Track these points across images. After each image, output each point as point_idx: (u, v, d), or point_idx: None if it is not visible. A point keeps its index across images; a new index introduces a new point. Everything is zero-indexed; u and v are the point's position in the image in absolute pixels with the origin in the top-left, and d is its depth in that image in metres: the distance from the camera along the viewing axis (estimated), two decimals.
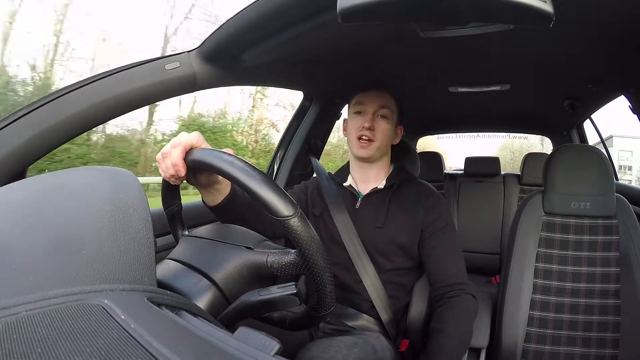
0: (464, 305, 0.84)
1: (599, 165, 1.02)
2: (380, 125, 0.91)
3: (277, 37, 0.74)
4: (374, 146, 0.91)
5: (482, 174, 2.15)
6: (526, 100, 1.60)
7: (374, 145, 0.91)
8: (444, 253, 0.88)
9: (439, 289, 0.87)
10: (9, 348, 0.20)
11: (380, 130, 0.91)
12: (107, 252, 0.29)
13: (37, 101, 0.65)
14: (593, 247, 1.01)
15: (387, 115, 0.92)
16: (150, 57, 0.75)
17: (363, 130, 0.90)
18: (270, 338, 0.29)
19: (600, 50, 0.93)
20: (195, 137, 0.54)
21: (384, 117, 0.92)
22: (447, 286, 0.86)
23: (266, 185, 0.43)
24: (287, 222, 0.43)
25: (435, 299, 0.88)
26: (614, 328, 0.95)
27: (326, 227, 0.94)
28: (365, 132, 0.90)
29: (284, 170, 1.46)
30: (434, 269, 0.88)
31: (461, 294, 0.85)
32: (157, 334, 0.23)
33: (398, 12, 0.55)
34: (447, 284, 0.86)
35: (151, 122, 10.42)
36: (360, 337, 0.82)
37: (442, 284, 0.87)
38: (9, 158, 0.62)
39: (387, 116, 0.92)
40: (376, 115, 0.91)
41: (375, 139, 0.91)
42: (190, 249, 0.51)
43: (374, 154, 0.92)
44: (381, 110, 0.92)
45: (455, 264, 0.88)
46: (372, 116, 0.91)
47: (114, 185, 0.36)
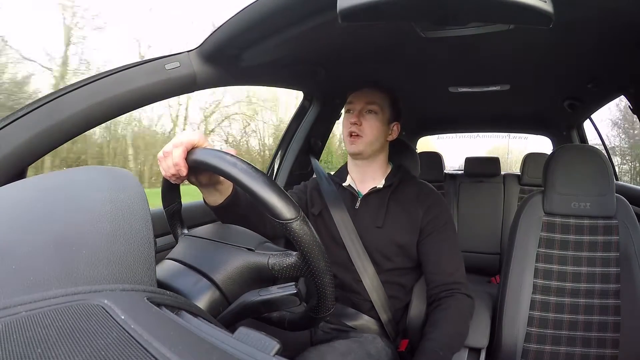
0: (459, 305, 0.84)
1: (599, 165, 1.02)
2: (368, 120, 0.93)
3: (277, 37, 0.74)
4: (363, 141, 0.92)
5: (482, 174, 2.15)
6: (526, 100, 1.60)
7: (362, 140, 0.92)
8: (442, 252, 0.88)
9: (434, 288, 0.87)
10: (9, 348, 0.20)
11: (368, 125, 0.92)
12: (107, 252, 0.29)
13: (37, 101, 0.65)
14: (593, 247, 1.01)
15: (375, 110, 0.93)
16: (150, 57, 0.75)
17: (351, 126, 0.92)
18: (270, 338, 0.29)
19: (600, 50, 0.93)
20: (197, 136, 0.53)
21: (371, 112, 0.93)
22: (443, 285, 0.86)
23: (269, 187, 0.43)
24: (290, 226, 0.43)
25: (431, 299, 0.88)
26: (614, 328, 0.95)
27: (326, 227, 0.94)
28: (353, 127, 0.92)
29: (284, 170, 1.46)
30: (431, 267, 0.88)
31: (455, 293, 0.85)
32: (157, 334, 0.23)
33: (398, 12, 0.55)
34: (444, 283, 0.86)
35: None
36: (356, 342, 0.82)
37: (438, 283, 0.86)
38: (9, 158, 0.62)
39: (375, 111, 0.93)
40: (364, 111, 0.93)
41: (363, 134, 0.92)
42: (191, 249, 0.51)
43: (364, 150, 0.93)
44: (368, 106, 0.93)
45: (452, 263, 0.88)
46: (358, 112, 0.93)
47: (114, 185, 0.36)
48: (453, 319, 0.83)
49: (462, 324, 0.84)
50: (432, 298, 0.87)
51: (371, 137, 0.93)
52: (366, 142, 0.92)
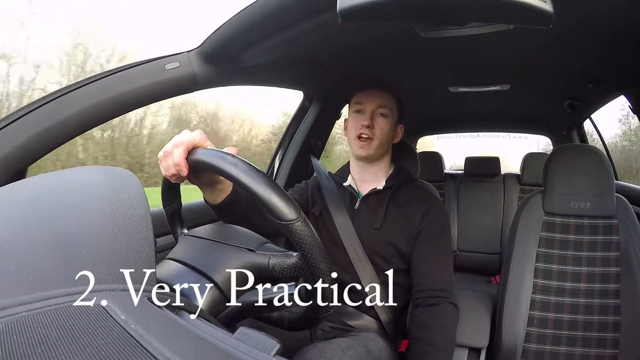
0: (449, 315, 0.84)
1: (599, 165, 1.02)
2: (380, 123, 0.92)
3: (277, 37, 0.74)
4: (374, 145, 0.91)
5: (482, 173, 2.15)
6: (526, 100, 1.60)
7: (373, 144, 0.91)
8: (433, 257, 0.88)
9: (421, 292, 0.86)
10: (9, 348, 0.20)
11: (380, 128, 0.91)
12: (107, 252, 0.29)
13: (37, 101, 0.65)
14: (593, 247, 1.01)
15: (386, 113, 0.92)
16: (150, 58, 0.75)
17: (362, 128, 0.90)
18: (270, 338, 0.29)
19: (600, 50, 0.93)
20: (197, 136, 0.53)
21: (383, 115, 0.92)
22: (430, 290, 0.85)
23: (270, 188, 0.43)
24: (291, 227, 0.43)
25: (416, 303, 0.87)
26: (614, 328, 0.95)
27: (326, 227, 0.94)
28: (365, 130, 0.90)
29: (284, 170, 1.46)
30: (420, 270, 0.88)
31: (444, 302, 0.84)
32: (157, 334, 0.23)
33: (398, 12, 0.55)
34: (431, 288, 0.86)
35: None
36: (355, 339, 0.82)
37: (425, 287, 0.86)
38: (9, 158, 0.62)
39: (386, 114, 0.93)
40: (375, 114, 0.92)
41: (374, 137, 0.91)
42: (191, 249, 0.51)
43: (374, 153, 0.92)
44: (380, 109, 0.92)
45: (442, 269, 0.88)
46: (370, 115, 0.91)
47: (114, 185, 0.36)
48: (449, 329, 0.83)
49: (454, 336, 0.84)
50: (418, 301, 0.87)
51: (381, 140, 0.92)
52: (376, 145, 0.91)
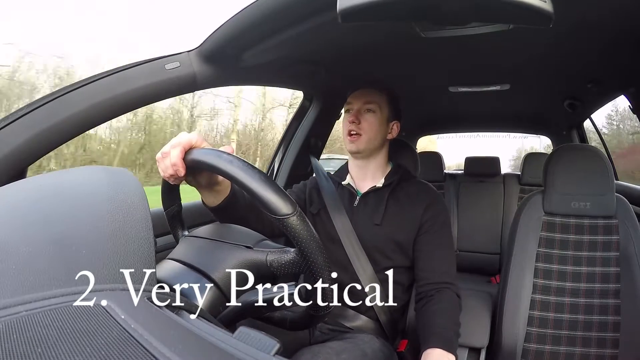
0: (453, 301, 0.84)
1: (599, 165, 1.02)
2: (367, 119, 0.94)
3: (277, 37, 0.74)
4: (363, 139, 0.93)
5: (482, 173, 2.15)
6: (526, 100, 1.60)
7: (362, 139, 0.93)
8: (436, 250, 0.89)
9: (424, 285, 0.87)
10: (9, 348, 0.20)
11: (367, 124, 0.93)
12: (107, 252, 0.29)
13: (37, 101, 0.65)
14: (593, 246, 1.01)
15: (373, 109, 0.94)
16: (150, 58, 0.75)
17: (350, 125, 0.93)
18: (270, 338, 0.29)
19: (600, 50, 0.93)
20: (194, 137, 0.54)
21: (370, 111, 0.94)
22: (434, 283, 0.86)
23: (265, 184, 0.43)
24: (286, 221, 0.43)
25: (419, 296, 0.87)
26: (613, 328, 0.95)
27: (324, 226, 0.94)
28: (352, 126, 0.93)
29: (284, 170, 1.46)
30: (423, 264, 0.88)
31: (445, 290, 0.85)
32: (157, 334, 0.23)
33: (398, 12, 0.55)
34: (435, 281, 0.86)
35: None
36: (350, 342, 0.81)
37: (428, 280, 0.86)
38: (9, 158, 0.62)
39: (374, 110, 0.94)
40: (362, 111, 0.94)
41: (362, 132, 0.93)
42: (190, 249, 0.51)
43: (364, 148, 0.94)
44: (367, 105, 0.94)
45: (445, 263, 0.88)
46: (357, 111, 0.94)
47: (113, 185, 0.36)
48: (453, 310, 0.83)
49: (456, 316, 0.84)
50: (421, 295, 0.87)
51: (370, 135, 0.94)
52: (365, 140, 0.93)
